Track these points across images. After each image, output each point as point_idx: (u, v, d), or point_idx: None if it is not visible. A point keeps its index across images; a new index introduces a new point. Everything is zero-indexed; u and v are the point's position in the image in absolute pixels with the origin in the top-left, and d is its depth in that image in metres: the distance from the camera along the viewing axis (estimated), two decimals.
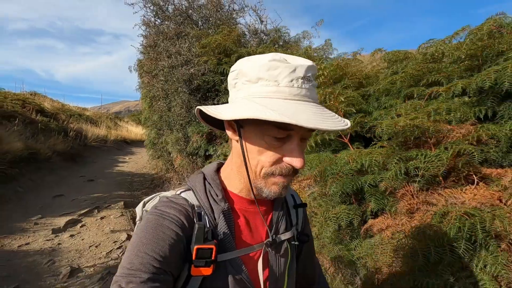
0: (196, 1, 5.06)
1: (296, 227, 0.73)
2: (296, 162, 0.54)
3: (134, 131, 13.77)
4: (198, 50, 3.62)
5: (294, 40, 5.30)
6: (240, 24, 5.37)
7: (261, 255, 0.64)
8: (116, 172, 7.32)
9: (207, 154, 3.37)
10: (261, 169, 0.56)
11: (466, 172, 1.49)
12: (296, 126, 0.50)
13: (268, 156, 0.55)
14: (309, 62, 0.55)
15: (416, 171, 1.45)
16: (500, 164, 1.51)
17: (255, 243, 0.64)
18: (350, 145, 2.06)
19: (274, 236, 0.66)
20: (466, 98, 1.79)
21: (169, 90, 3.67)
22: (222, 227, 0.60)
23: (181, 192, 0.63)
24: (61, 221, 3.82)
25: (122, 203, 4.69)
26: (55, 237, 3.40)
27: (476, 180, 1.45)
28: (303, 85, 0.53)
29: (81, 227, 3.75)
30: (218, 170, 0.68)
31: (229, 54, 3.66)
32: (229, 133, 0.61)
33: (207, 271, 0.55)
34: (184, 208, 0.59)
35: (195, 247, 0.54)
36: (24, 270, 2.72)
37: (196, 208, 0.60)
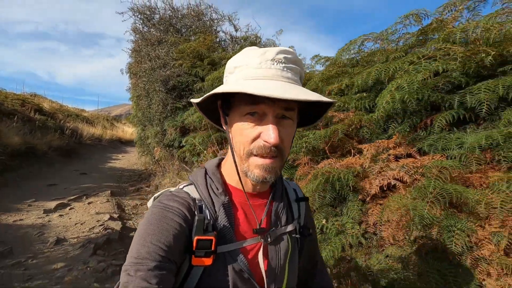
0: (180, 11, 5.62)
1: (298, 220, 0.74)
2: (268, 137, 0.54)
3: (129, 131, 14.29)
4: (175, 55, 4.14)
5: (269, 44, 5.84)
6: (222, 31, 5.92)
7: (261, 247, 0.65)
8: (108, 168, 7.80)
9: (180, 145, 3.86)
10: (243, 149, 0.58)
11: (349, 147, 1.99)
12: (268, 101, 0.54)
13: (246, 135, 0.57)
14: (281, 47, 0.58)
15: (307, 146, 1.95)
16: (371, 140, 2.00)
17: (254, 235, 0.65)
18: None
19: (263, 229, 0.67)
20: (364, 94, 2.29)
21: (149, 89, 4.18)
22: (222, 219, 0.62)
23: (183, 187, 0.67)
24: (52, 204, 4.30)
25: (109, 191, 5.18)
26: (45, 216, 3.88)
27: (353, 153, 1.95)
28: (272, 66, 0.55)
29: (69, 209, 4.24)
30: (219, 165, 0.71)
31: (202, 59, 4.18)
32: (223, 125, 0.66)
33: (207, 261, 0.57)
34: (185, 201, 0.62)
35: (196, 237, 0.57)
36: (17, 239, 3.20)
37: (197, 201, 0.63)
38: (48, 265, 2.75)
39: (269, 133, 0.54)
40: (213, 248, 0.57)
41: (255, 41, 5.81)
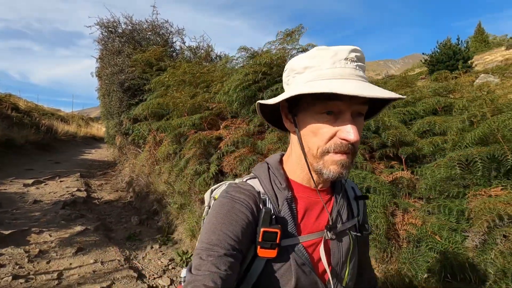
0: (140, 25, 6.77)
1: (357, 218, 0.75)
2: (348, 134, 0.55)
3: (104, 129, 15.14)
4: (130, 63, 5.31)
5: (218, 57, 7.11)
6: (178, 41, 7.10)
7: (322, 242, 0.66)
8: (80, 159, 8.80)
9: (131, 132, 5.01)
10: (317, 149, 0.59)
11: (218, 124, 3.25)
12: (345, 99, 0.54)
13: (322, 134, 0.58)
14: (351, 46, 0.58)
15: (193, 122, 3.19)
16: (235, 118, 3.26)
17: (316, 231, 0.67)
18: None
19: (334, 223, 0.68)
20: (227, 91, 3.56)
21: (110, 89, 5.30)
22: (285, 213, 0.64)
23: (247, 180, 0.70)
24: (30, 181, 5.35)
25: (79, 174, 6.27)
26: (24, 188, 4.95)
27: (221, 127, 3.22)
28: (346, 65, 0.56)
29: (44, 185, 5.31)
30: (281, 160, 0.73)
31: (152, 66, 5.37)
32: (287, 125, 0.67)
33: (272, 253, 0.60)
34: (251, 193, 0.65)
35: (262, 229, 0.59)
36: (4, 199, 4.27)
37: (261, 195, 0.65)
38: (28, 213, 3.87)
39: (349, 131, 0.55)
40: (278, 241, 0.60)
41: (207, 49, 7.06)
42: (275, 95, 2.39)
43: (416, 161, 2.25)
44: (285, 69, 0.66)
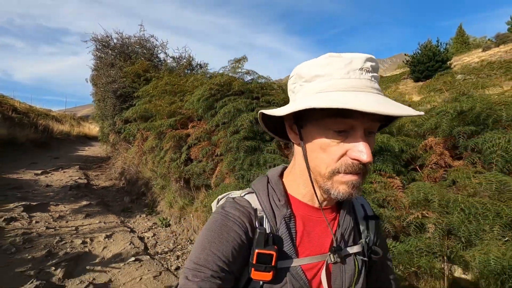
0: (129, 39, 7.91)
1: (366, 240, 0.69)
2: (361, 155, 0.51)
3: (95, 129, 16.08)
4: (122, 74, 6.47)
5: (199, 65, 8.32)
6: (163, 53, 8.25)
7: (324, 266, 0.61)
8: (76, 155, 9.88)
9: (123, 131, 6.18)
10: (326, 167, 0.55)
11: (188, 124, 4.48)
12: (358, 115, 0.50)
13: (332, 153, 0.54)
14: (367, 55, 0.53)
15: (171, 124, 4.41)
16: (200, 120, 4.49)
17: (317, 253, 0.62)
18: None
19: (339, 245, 0.63)
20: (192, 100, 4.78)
21: (105, 96, 6.44)
22: (283, 233, 0.60)
23: (245, 194, 0.65)
24: (38, 171, 6.49)
25: (78, 166, 7.41)
26: (36, 176, 6.08)
27: (190, 126, 4.44)
28: (361, 76, 0.52)
29: (51, 174, 6.44)
30: (282, 174, 0.69)
31: (140, 77, 6.54)
32: (291, 136, 0.62)
33: (267, 276, 0.56)
34: (247, 210, 0.61)
35: (256, 251, 0.56)
36: (23, 184, 5.41)
37: (258, 212, 0.61)
38: (44, 193, 5.04)
39: (361, 151, 0.51)
40: (273, 263, 0.56)
41: (189, 59, 8.27)
42: (224, 105, 3.63)
43: None
44: (291, 75, 0.61)
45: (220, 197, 0.71)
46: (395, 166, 2.65)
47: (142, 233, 3.99)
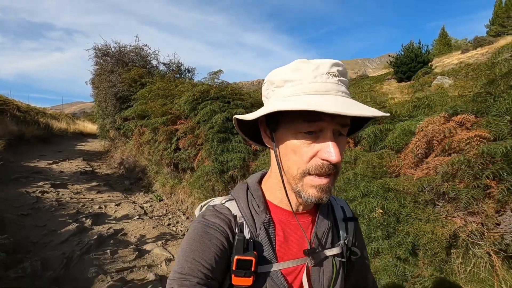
0: (126, 48, 9.10)
1: (345, 241, 0.71)
2: (329, 155, 0.53)
3: (90, 126, 17.06)
4: (121, 80, 7.67)
5: (187, 70, 9.56)
6: (157, 62, 9.47)
7: (304, 270, 0.63)
8: (76, 149, 10.99)
9: (122, 127, 7.38)
10: (297, 169, 0.57)
11: (177, 121, 5.76)
12: (326, 117, 0.52)
13: (302, 154, 0.56)
14: (333, 60, 0.56)
15: (163, 121, 5.67)
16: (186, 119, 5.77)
17: (297, 257, 0.64)
18: None
19: (313, 248, 0.65)
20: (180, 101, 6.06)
21: (106, 98, 7.63)
22: (262, 239, 0.62)
23: (225, 202, 0.67)
24: (50, 161, 7.64)
25: (82, 158, 8.58)
26: (48, 165, 7.25)
27: (178, 124, 5.73)
28: (327, 80, 0.54)
29: (61, 164, 7.62)
30: (261, 180, 0.70)
31: (136, 82, 7.76)
32: (265, 141, 0.64)
33: (247, 281, 0.58)
34: (227, 217, 0.63)
35: (235, 257, 0.57)
36: (41, 170, 6.58)
37: (238, 219, 0.63)
38: (60, 177, 6.23)
39: (330, 151, 0.53)
40: (253, 269, 0.57)
41: (178, 64, 9.51)
42: (203, 107, 4.96)
43: None
44: (264, 82, 0.63)
45: (202, 204, 0.73)
46: None
47: (141, 204, 5.27)
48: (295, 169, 0.57)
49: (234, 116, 0.65)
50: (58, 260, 2.85)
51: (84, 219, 3.96)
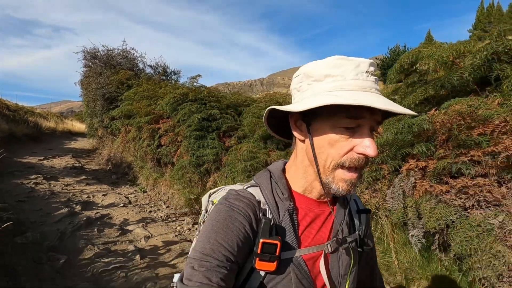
0: (113, 51, 9.62)
1: (359, 232, 0.75)
2: (369, 149, 0.56)
3: (78, 125, 17.40)
4: (108, 82, 8.21)
5: (173, 72, 10.15)
6: (145, 64, 10.01)
7: (322, 256, 0.66)
8: (65, 147, 11.43)
9: (109, 126, 7.92)
10: (331, 161, 0.59)
11: (164, 116, 6.36)
12: (365, 114, 0.55)
13: (339, 148, 0.58)
14: (369, 60, 0.59)
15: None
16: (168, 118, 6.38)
17: (317, 244, 0.66)
18: None
19: (337, 237, 0.67)
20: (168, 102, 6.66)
21: (95, 98, 8.16)
22: (286, 225, 0.63)
23: (247, 187, 0.68)
24: (41, 157, 8.12)
25: (71, 155, 9.07)
26: (39, 161, 7.74)
27: (160, 123, 6.33)
28: (367, 78, 0.57)
29: (51, 160, 8.11)
30: (283, 169, 0.72)
31: (123, 84, 8.31)
32: (296, 133, 0.65)
33: (271, 266, 0.59)
34: (251, 202, 0.63)
35: (261, 240, 0.58)
36: (32, 165, 7.07)
37: (262, 205, 0.64)
38: (51, 171, 6.75)
39: (368, 146, 0.56)
40: (277, 253, 0.58)
41: (164, 67, 10.08)
42: (183, 108, 5.58)
43: None
44: (295, 75, 0.65)
45: (212, 191, 0.76)
46: (278, 145, 4.69)
47: (126, 195, 5.86)
48: (329, 161, 0.59)
49: (270, 107, 0.65)
50: (53, 234, 3.44)
51: (74, 205, 4.54)
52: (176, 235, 3.99)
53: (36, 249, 2.97)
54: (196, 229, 4.82)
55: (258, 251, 0.58)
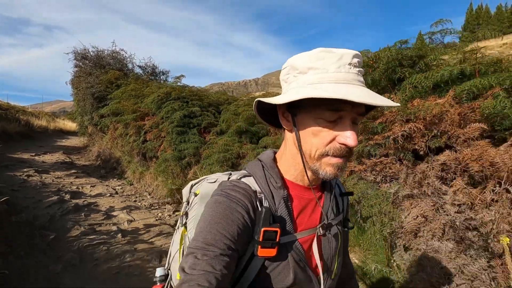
0: (103, 52, 10.00)
1: (343, 213, 0.81)
2: (349, 140, 0.59)
3: (70, 124, 17.66)
4: (98, 81, 8.60)
5: (161, 72, 10.56)
6: (134, 65, 10.40)
7: (315, 238, 0.70)
8: (57, 145, 11.76)
9: (99, 123, 8.31)
10: (316, 151, 0.62)
11: (145, 118, 6.79)
12: (346, 107, 0.57)
13: (322, 138, 0.61)
14: (354, 51, 0.60)
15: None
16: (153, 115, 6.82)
17: (310, 227, 0.71)
18: None
19: (327, 220, 0.72)
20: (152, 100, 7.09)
21: (85, 97, 8.55)
22: (282, 212, 0.67)
23: (241, 178, 0.71)
24: (33, 153, 8.47)
25: (62, 151, 9.43)
26: (31, 157, 8.10)
27: (146, 120, 6.76)
28: (350, 70, 0.59)
29: (42, 156, 8.47)
30: (274, 158, 0.75)
31: (112, 83, 8.70)
32: (283, 123, 0.69)
33: (271, 252, 0.62)
34: (247, 192, 0.66)
35: (263, 229, 0.61)
36: (25, 160, 7.43)
37: (258, 194, 0.67)
38: (43, 166, 7.13)
39: (349, 137, 0.58)
40: (277, 239, 0.62)
41: (153, 67, 10.48)
42: (166, 106, 6.03)
43: None
44: (284, 66, 0.66)
45: (193, 182, 0.79)
46: (252, 139, 5.16)
47: (114, 187, 6.28)
48: (314, 150, 0.63)
49: (257, 99, 0.67)
50: (44, 217, 3.87)
51: (64, 194, 4.96)
52: (156, 220, 4.44)
53: (29, 226, 3.39)
54: (177, 216, 5.20)
55: (260, 239, 0.61)
